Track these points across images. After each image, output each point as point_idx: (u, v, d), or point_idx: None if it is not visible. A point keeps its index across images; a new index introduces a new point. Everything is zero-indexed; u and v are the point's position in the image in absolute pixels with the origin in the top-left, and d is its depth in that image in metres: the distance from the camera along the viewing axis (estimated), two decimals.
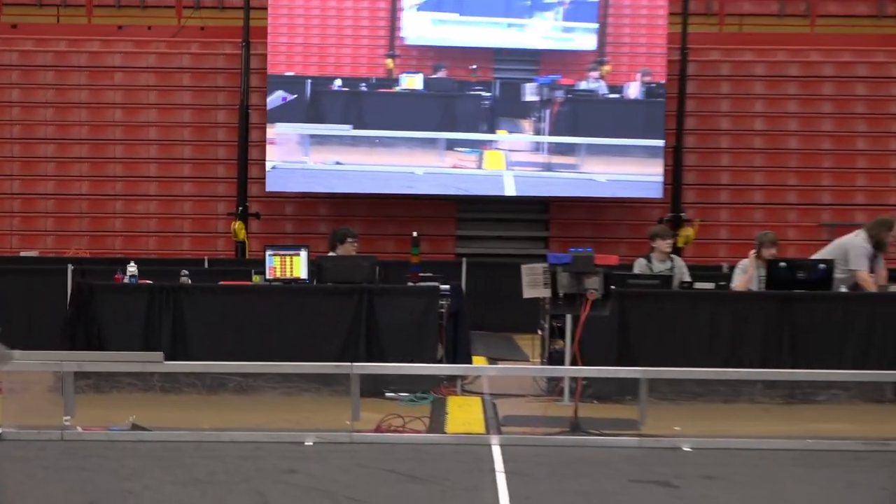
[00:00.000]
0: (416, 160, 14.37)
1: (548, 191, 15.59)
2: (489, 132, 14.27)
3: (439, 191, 14.97)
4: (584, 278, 10.12)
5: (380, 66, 14.78)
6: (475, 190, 14.68)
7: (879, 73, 18.81)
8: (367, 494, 7.39)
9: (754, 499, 7.45)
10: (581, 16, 13.68)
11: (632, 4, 14.88)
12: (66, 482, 7.64)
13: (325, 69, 15.35)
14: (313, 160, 14.80)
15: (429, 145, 14.32)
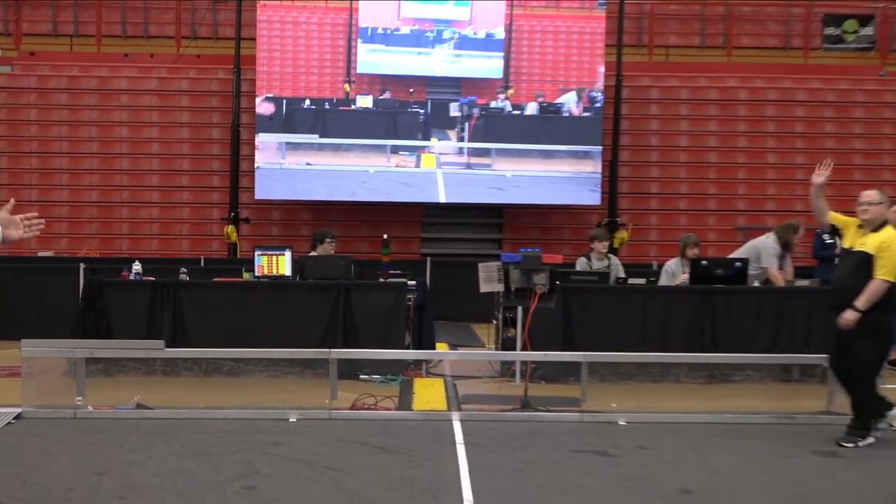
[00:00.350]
0: (368, 162, 15.42)
1: (501, 198, 16.23)
2: (424, 140, 15.26)
3: (387, 186, 15.68)
4: (533, 275, 10.12)
5: (339, 90, 15.67)
6: (414, 184, 15.47)
7: (786, 97, 18.95)
8: (343, 464, 7.36)
9: (681, 465, 7.48)
10: (492, 47, 14.91)
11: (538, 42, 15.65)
12: (78, 455, 7.57)
13: (298, 92, 16.13)
14: (289, 162, 15.67)
15: (377, 150, 15.37)
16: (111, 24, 19.20)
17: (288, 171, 15.59)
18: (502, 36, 15.00)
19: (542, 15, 14.86)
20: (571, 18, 15.01)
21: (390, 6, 14.93)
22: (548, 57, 14.97)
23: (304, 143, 15.61)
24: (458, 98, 15.20)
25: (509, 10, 14.85)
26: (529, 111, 15.21)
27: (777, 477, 7.22)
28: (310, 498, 6.50)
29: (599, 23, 15.51)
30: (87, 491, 6.60)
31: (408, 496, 6.57)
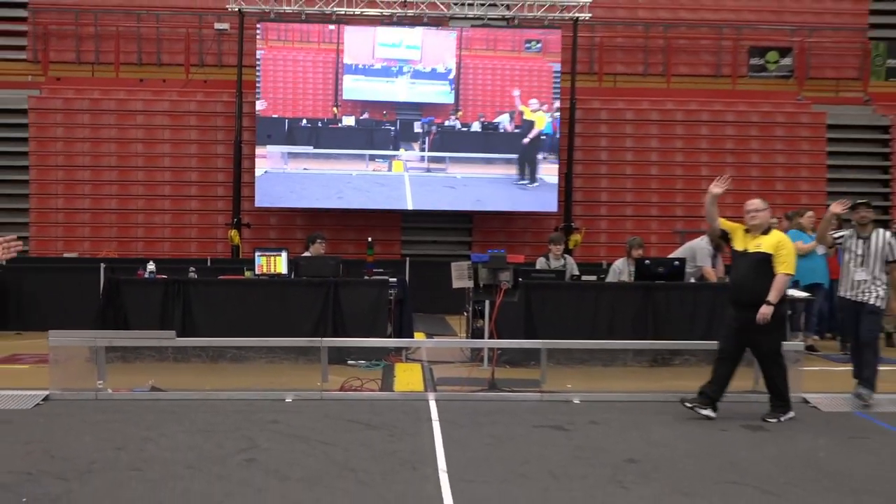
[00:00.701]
0: (352, 167, 16.42)
1: (469, 205, 16.73)
2: (394, 150, 16.31)
3: (366, 186, 16.52)
4: (499, 273, 10.12)
5: (329, 112, 16.53)
6: (387, 184, 16.43)
7: (717, 118, 19.04)
8: (333, 439, 7.34)
9: (627, 438, 7.49)
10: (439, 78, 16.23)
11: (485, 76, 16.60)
12: (99, 432, 7.50)
13: (297, 113, 16.73)
14: (290, 167, 16.47)
15: (359, 158, 16.39)
16: (128, 53, 19.05)
17: (290, 175, 16.37)
18: (446, 70, 16.08)
19: (482, 56, 16.20)
20: (506, 59, 16.21)
21: (367, 47, 16.09)
22: (487, 87, 16.17)
23: (302, 153, 16.47)
24: (420, 118, 16.24)
25: (458, 52, 16.06)
26: (474, 128, 16.31)
27: (711, 448, 7.25)
28: (304, 468, 6.47)
29: (536, 61, 16.33)
30: (107, 464, 6.54)
31: (390, 466, 6.55)
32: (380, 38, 15.95)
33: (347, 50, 16.24)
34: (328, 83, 16.39)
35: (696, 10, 19.94)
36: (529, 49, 16.00)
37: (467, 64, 16.09)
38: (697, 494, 5.98)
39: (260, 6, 17.49)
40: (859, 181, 19.09)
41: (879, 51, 19.42)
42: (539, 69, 16.25)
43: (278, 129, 16.62)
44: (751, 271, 8.08)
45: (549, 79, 16.30)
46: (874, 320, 8.81)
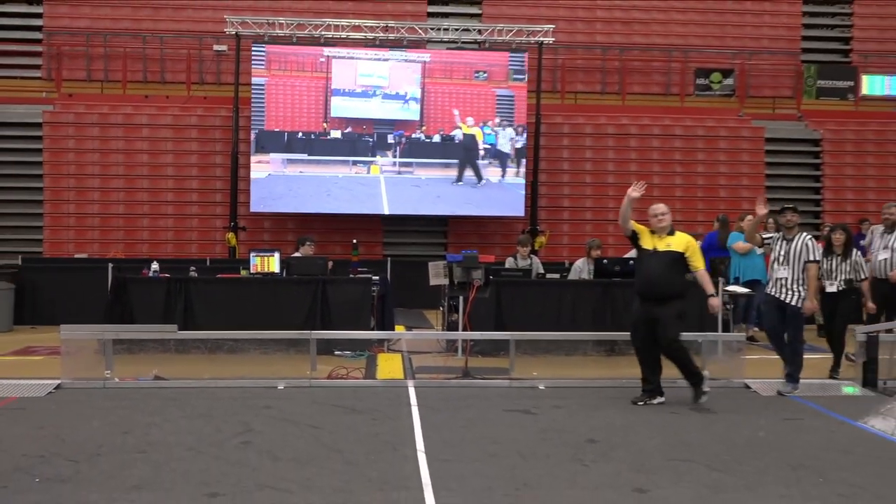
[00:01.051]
0: (338, 171, 17.29)
1: (433, 202, 17.50)
2: (372, 157, 17.34)
3: (350, 185, 17.32)
4: (472, 271, 10.14)
5: (320, 126, 17.32)
6: (366, 184, 17.37)
7: (667, 132, 19.11)
8: (321, 422, 7.29)
9: (587, 420, 7.49)
10: (404, 99, 17.36)
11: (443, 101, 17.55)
12: (107, 418, 7.41)
13: (295, 127, 17.34)
14: (289, 171, 17.23)
15: (344, 164, 17.31)
16: (134, 72, 18.86)
17: (289, 177, 17.22)
18: (412, 94, 17.32)
19: (441, 83, 17.40)
20: (460, 85, 17.44)
21: (350, 75, 17.29)
22: (445, 107, 17.35)
23: (299, 159, 17.28)
24: (392, 131, 17.30)
25: (423, 80, 17.31)
26: (435, 139, 17.39)
27: (663, 429, 7.26)
28: (294, 449, 6.42)
29: (483, 87, 17.48)
30: (114, 447, 6.46)
31: (373, 447, 6.51)
32: (360, 70, 17.33)
33: (335, 77, 17.30)
34: (319, 103, 17.36)
35: (647, 34, 20.01)
36: (478, 77, 17.49)
37: (429, 89, 17.36)
38: (651, 471, 5.98)
39: (255, 30, 17.41)
40: (794, 189, 19.23)
41: (811, 72, 19.58)
42: (485, 93, 17.57)
43: (279, 141, 17.28)
44: (663, 269, 8.02)
45: (492, 100, 17.55)
46: (798, 322, 8.76)
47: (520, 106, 17.59)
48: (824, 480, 5.82)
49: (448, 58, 17.64)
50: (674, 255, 8.08)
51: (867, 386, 8.94)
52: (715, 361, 9.82)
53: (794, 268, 8.68)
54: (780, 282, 8.75)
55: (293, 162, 17.21)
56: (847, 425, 7.48)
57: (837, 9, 20.71)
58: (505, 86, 17.52)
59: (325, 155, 17.27)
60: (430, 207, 17.39)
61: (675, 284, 8.03)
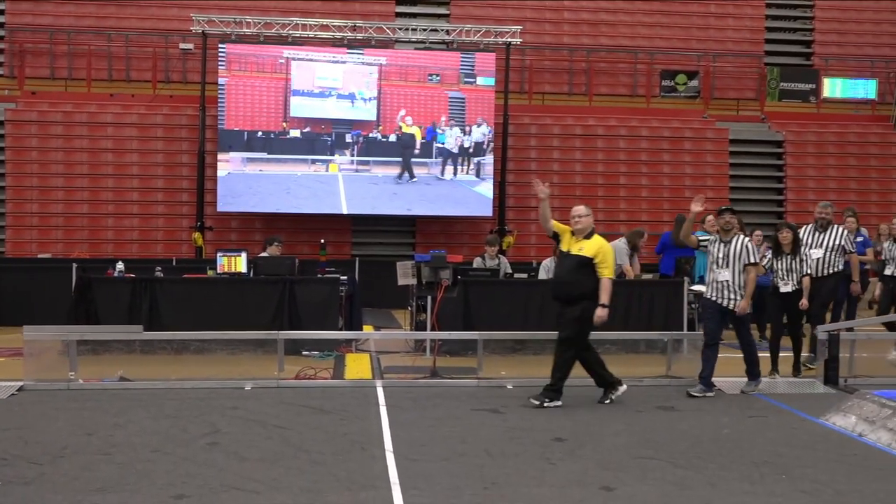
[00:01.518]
0: (297, 169, 17.42)
1: (390, 199, 17.70)
2: (330, 155, 17.51)
3: (308, 183, 17.44)
4: (440, 271, 10.14)
5: (279, 125, 17.37)
6: (325, 182, 17.55)
7: (633, 133, 19.25)
8: (289, 423, 7.25)
9: (555, 419, 7.53)
10: (358, 100, 17.59)
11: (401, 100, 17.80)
12: (72, 419, 7.31)
13: (255, 126, 17.34)
14: (248, 169, 17.27)
15: (303, 162, 17.45)
16: (99, 70, 18.63)
17: (249, 175, 17.28)
18: (368, 95, 17.55)
19: (397, 85, 17.65)
20: (414, 87, 17.72)
21: (310, 76, 17.38)
22: (400, 108, 17.62)
23: (259, 157, 17.32)
24: (350, 131, 17.51)
25: (379, 82, 17.56)
26: (391, 139, 17.63)
27: (629, 427, 7.32)
28: (261, 449, 6.38)
29: (435, 89, 17.72)
30: (79, 448, 6.38)
31: (341, 447, 6.49)
32: (318, 72, 17.51)
33: (294, 78, 17.41)
34: (279, 103, 17.45)
35: (614, 37, 20.15)
36: (431, 80, 17.75)
37: (386, 91, 17.64)
38: (618, 469, 6.02)
39: (222, 29, 17.28)
40: (757, 189, 19.51)
41: (774, 75, 19.83)
42: (438, 95, 17.79)
43: (239, 140, 17.22)
44: (570, 271, 8.04)
45: (445, 102, 17.78)
46: (745, 322, 8.71)
47: (470, 107, 17.75)
48: (787, 477, 5.90)
49: (403, 61, 17.87)
50: (582, 260, 8.01)
51: (829, 383, 9.07)
52: (680, 360, 9.91)
53: (734, 270, 8.56)
54: (720, 284, 8.61)
55: (253, 161, 17.27)
56: (809, 422, 7.59)
57: (799, 13, 21.02)
58: (457, 88, 17.80)
59: (285, 154, 17.39)
60: (387, 205, 17.56)
61: (581, 287, 7.93)
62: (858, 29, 20.90)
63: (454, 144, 17.71)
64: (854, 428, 7.21)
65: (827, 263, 10.11)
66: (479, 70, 17.76)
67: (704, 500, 5.43)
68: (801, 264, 9.57)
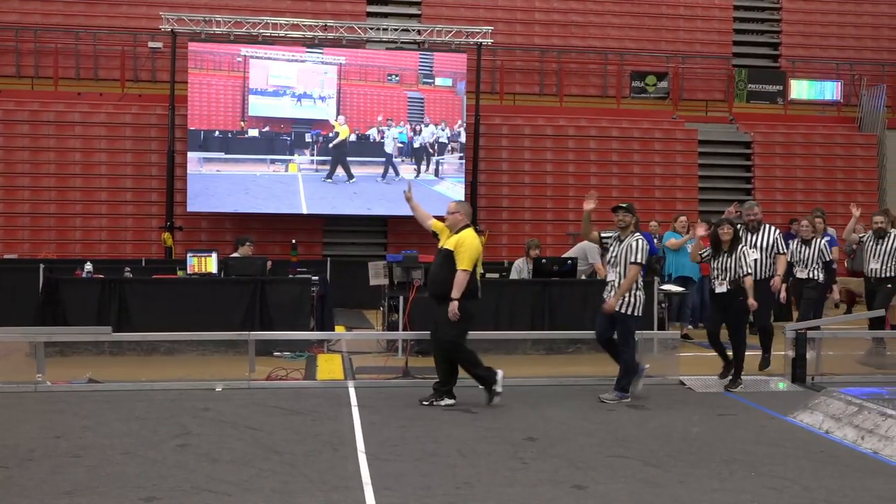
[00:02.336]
0: (256, 169, 17.38)
1: (350, 198, 17.72)
2: (290, 155, 17.48)
3: (267, 184, 17.41)
4: (412, 271, 10.13)
5: (237, 125, 17.33)
6: (284, 182, 17.55)
7: (603, 134, 19.34)
8: (260, 424, 7.22)
9: (527, 418, 7.56)
10: (319, 99, 17.66)
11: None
12: (39, 422, 7.22)
13: (211, 126, 17.31)
14: (205, 169, 17.21)
15: (261, 162, 17.43)
16: (66, 68, 18.39)
17: (205, 175, 17.19)
18: (326, 94, 17.60)
19: (357, 85, 17.72)
20: (374, 87, 17.82)
21: (264, 75, 17.36)
22: (360, 108, 17.71)
23: (216, 157, 17.28)
24: (310, 131, 17.51)
25: (339, 82, 17.58)
26: (351, 139, 17.70)
27: (601, 425, 7.36)
28: (232, 451, 6.34)
29: (395, 89, 17.85)
30: (48, 451, 6.30)
31: (313, 448, 6.47)
32: (273, 70, 17.48)
33: (252, 77, 17.40)
34: (237, 102, 17.39)
35: (584, 38, 20.26)
36: (391, 80, 17.87)
37: (346, 91, 17.66)
38: (589, 467, 6.06)
39: (191, 27, 17.15)
40: (725, 189, 19.68)
41: (742, 76, 20.06)
42: (398, 95, 17.88)
43: (195, 139, 17.22)
44: (437, 266, 8.05)
45: (404, 102, 17.89)
46: (627, 329, 8.29)
47: (429, 107, 17.81)
48: (756, 474, 5.97)
49: (363, 60, 17.92)
50: (445, 253, 7.97)
51: (796, 381, 9.19)
52: (650, 359, 9.98)
53: (621, 271, 8.24)
54: (609, 285, 8.37)
55: (210, 160, 17.18)
56: (777, 420, 7.69)
57: (766, 15, 21.27)
58: (415, 88, 17.88)
59: (243, 154, 17.32)
60: (347, 204, 17.54)
61: (444, 282, 7.86)
62: (823, 31, 21.20)
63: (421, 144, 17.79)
64: (821, 425, 7.31)
65: (763, 266, 9.82)
66: (437, 70, 17.85)
67: (674, 497, 5.48)
68: (736, 263, 8.89)
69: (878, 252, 10.76)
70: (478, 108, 17.98)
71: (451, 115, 17.86)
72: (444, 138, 17.85)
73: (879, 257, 10.74)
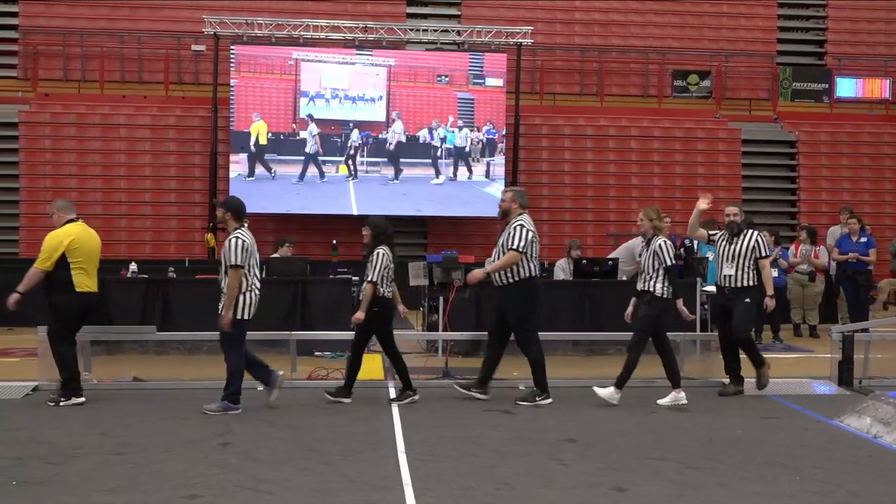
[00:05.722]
0: (308, 171, 17.56)
1: (400, 199, 17.75)
2: (341, 157, 17.61)
3: (318, 184, 17.56)
4: (451, 272, 10.12)
5: (289, 127, 17.56)
6: (334, 183, 17.73)
7: (645, 134, 19.21)
8: (300, 423, 7.28)
9: (567, 420, 7.52)
10: (367, 101, 17.80)
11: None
12: (85, 419, 7.36)
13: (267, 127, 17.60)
14: (258, 171, 17.48)
15: (312, 162, 17.58)
16: (111, 72, 18.70)
17: (258, 176, 17.45)
18: (378, 96, 17.72)
19: (406, 86, 17.79)
20: (423, 88, 17.89)
21: (317, 78, 17.57)
22: (409, 109, 17.76)
23: (271, 159, 17.48)
24: (360, 132, 17.65)
25: (388, 83, 17.70)
26: (401, 140, 17.76)
27: (640, 427, 7.30)
28: (273, 450, 6.40)
29: (445, 90, 17.90)
30: (91, 448, 6.42)
31: (352, 447, 6.50)
32: (326, 73, 17.65)
33: (303, 80, 17.56)
34: (288, 104, 17.58)
35: (625, 36, 20.10)
36: (440, 81, 17.88)
37: (395, 92, 17.73)
38: (629, 470, 6.01)
39: (233, 30, 17.35)
40: (770, 190, 19.44)
41: (786, 74, 19.75)
42: (447, 96, 17.91)
43: (248, 141, 17.32)
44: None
45: (454, 103, 17.91)
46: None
47: (479, 108, 17.79)
48: (800, 478, 5.87)
49: (412, 62, 17.95)
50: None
51: (843, 385, 9.02)
52: (693, 360, 9.88)
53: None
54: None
55: (262, 162, 17.37)
56: (823, 423, 7.55)
57: (812, 12, 20.92)
58: (466, 89, 17.88)
59: (295, 155, 17.47)
60: (397, 205, 17.46)
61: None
62: (871, 28, 20.76)
63: (466, 145, 17.78)
64: (869, 429, 7.17)
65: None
66: (488, 71, 17.80)
67: (716, 500, 5.41)
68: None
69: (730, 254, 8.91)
70: (517, 108, 17.93)
71: (501, 116, 17.87)
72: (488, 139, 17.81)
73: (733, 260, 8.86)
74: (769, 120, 20.06)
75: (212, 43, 17.53)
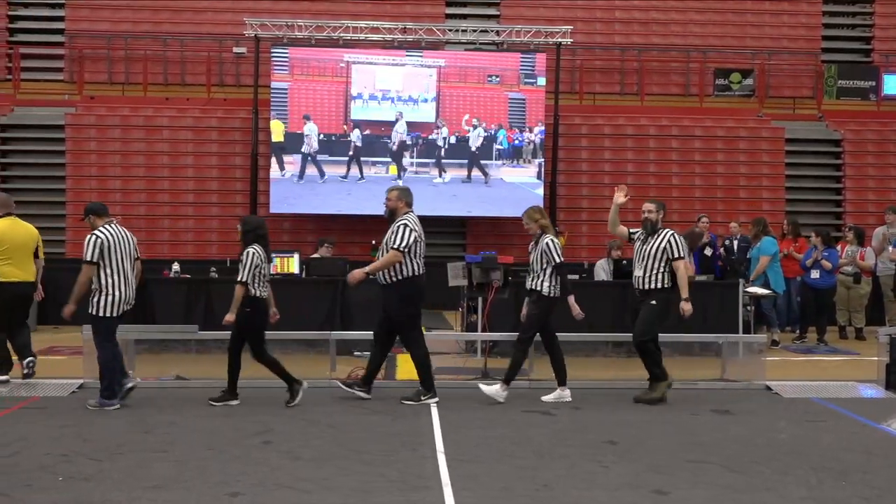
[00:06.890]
0: (357, 171, 17.74)
1: (449, 201, 17.81)
2: (388, 157, 17.73)
3: (368, 185, 17.49)
4: (491, 272, 10.12)
5: (340, 128, 17.69)
6: (383, 185, 16.83)
7: (686, 133, 19.01)
8: (341, 423, 7.31)
9: (607, 422, 7.48)
10: (418, 102, 17.85)
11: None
12: (129, 417, 7.47)
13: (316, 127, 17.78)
14: (310, 171, 17.64)
15: (363, 164, 17.74)
16: (155, 74, 18.98)
17: (310, 176, 17.66)
18: (427, 97, 17.73)
19: (456, 87, 17.83)
20: (473, 89, 17.87)
21: (369, 81, 17.70)
22: (460, 110, 17.78)
23: (322, 159, 17.69)
24: (409, 133, 17.71)
25: (438, 84, 17.73)
26: (451, 141, 17.84)
27: (681, 430, 7.23)
28: (314, 449, 6.44)
29: (496, 90, 17.89)
30: (135, 445, 6.51)
31: (391, 447, 6.52)
32: (378, 74, 17.75)
33: (354, 81, 17.70)
34: (339, 106, 17.70)
35: (666, 35, 19.91)
36: (491, 81, 17.90)
37: (445, 93, 17.76)
38: (669, 472, 5.95)
39: (274, 33, 17.49)
40: (814, 190, 19.12)
41: (831, 72, 19.42)
42: (497, 97, 17.88)
43: (300, 142, 17.55)
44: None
45: (505, 103, 17.88)
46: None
47: (531, 109, 17.73)
48: (846, 483, 5.77)
49: (462, 62, 17.96)
50: None
51: (890, 388, 8.85)
52: (735, 363, 9.76)
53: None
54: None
55: (313, 162, 17.54)
56: (869, 428, 7.42)
57: (858, 8, 20.53)
58: (517, 89, 17.83)
59: (346, 156, 17.63)
60: (447, 206, 17.57)
61: None
62: None
63: (520, 146, 17.78)
64: None
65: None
66: (539, 71, 17.79)
67: None
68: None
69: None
70: (556, 108, 17.85)
71: (541, 116, 17.82)
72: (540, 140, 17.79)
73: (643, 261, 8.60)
74: (814, 118, 19.72)
75: (253, 45, 17.70)
